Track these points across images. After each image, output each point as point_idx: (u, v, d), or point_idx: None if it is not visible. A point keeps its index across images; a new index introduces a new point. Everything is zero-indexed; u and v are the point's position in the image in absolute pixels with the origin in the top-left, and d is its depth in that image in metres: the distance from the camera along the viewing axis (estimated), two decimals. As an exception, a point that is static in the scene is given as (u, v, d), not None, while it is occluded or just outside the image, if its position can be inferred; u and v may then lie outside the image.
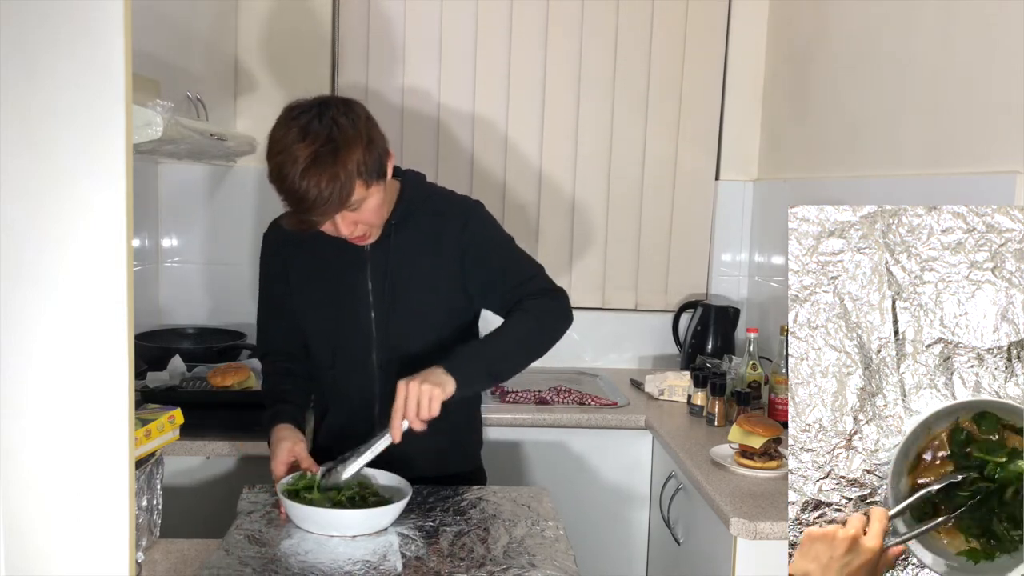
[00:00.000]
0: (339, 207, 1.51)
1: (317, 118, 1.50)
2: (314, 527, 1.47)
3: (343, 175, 1.47)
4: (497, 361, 1.63)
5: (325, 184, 1.46)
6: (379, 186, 1.56)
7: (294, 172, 1.46)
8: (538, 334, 1.68)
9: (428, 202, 1.74)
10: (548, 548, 1.44)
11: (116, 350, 0.80)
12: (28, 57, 0.77)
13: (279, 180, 1.49)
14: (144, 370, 2.36)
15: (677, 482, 2.17)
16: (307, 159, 1.46)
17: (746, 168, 3.00)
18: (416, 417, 1.50)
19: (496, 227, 1.78)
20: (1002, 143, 1.72)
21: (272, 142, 1.52)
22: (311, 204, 1.48)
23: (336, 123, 1.49)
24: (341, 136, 1.48)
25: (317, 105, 1.53)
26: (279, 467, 1.62)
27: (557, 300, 1.72)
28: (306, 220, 1.52)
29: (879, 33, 2.21)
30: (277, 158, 1.49)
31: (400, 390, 1.51)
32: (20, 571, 0.82)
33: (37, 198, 0.78)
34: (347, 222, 1.56)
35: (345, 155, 1.47)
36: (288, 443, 1.64)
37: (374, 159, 1.53)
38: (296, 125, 1.50)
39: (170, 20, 2.17)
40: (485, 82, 2.85)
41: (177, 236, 2.91)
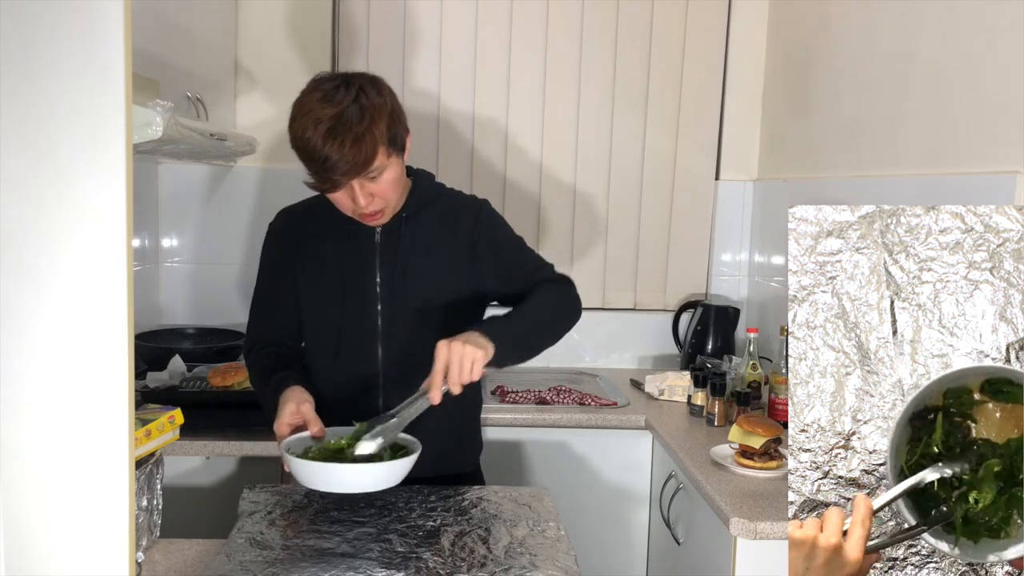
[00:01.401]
0: (362, 168, 1.52)
1: (343, 86, 1.54)
2: (323, 485, 1.43)
3: (368, 137, 1.50)
4: (530, 332, 1.62)
5: (349, 145, 1.49)
6: (398, 160, 1.60)
7: (319, 132, 1.49)
8: (562, 312, 1.70)
9: (439, 199, 1.77)
10: (549, 548, 1.44)
11: (116, 350, 0.80)
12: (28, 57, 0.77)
13: (303, 141, 1.51)
14: (144, 370, 2.36)
15: (677, 482, 2.17)
16: (332, 118, 1.49)
17: (746, 168, 3.00)
18: (458, 380, 1.45)
19: (505, 222, 1.83)
20: (1002, 143, 1.72)
21: (296, 107, 1.55)
22: (334, 164, 1.50)
23: (363, 90, 1.54)
24: (367, 101, 1.52)
25: (343, 76, 1.58)
26: (282, 427, 1.55)
27: (571, 287, 1.75)
28: (329, 180, 1.53)
29: (879, 33, 2.21)
30: (302, 120, 1.52)
31: (441, 352, 1.45)
32: (20, 571, 0.82)
33: (37, 198, 0.79)
34: (365, 192, 1.57)
35: (370, 119, 1.51)
36: (292, 403, 1.56)
37: (396, 129, 1.57)
38: (321, 91, 1.54)
39: (170, 20, 2.18)
40: (485, 82, 2.85)
41: (177, 236, 2.91)
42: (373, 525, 1.51)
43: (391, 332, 1.72)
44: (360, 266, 1.73)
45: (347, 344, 1.74)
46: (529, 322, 1.63)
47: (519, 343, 1.58)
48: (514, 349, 1.56)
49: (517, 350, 1.59)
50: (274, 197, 1.59)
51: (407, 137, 1.63)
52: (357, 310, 1.73)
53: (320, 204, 1.71)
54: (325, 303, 1.75)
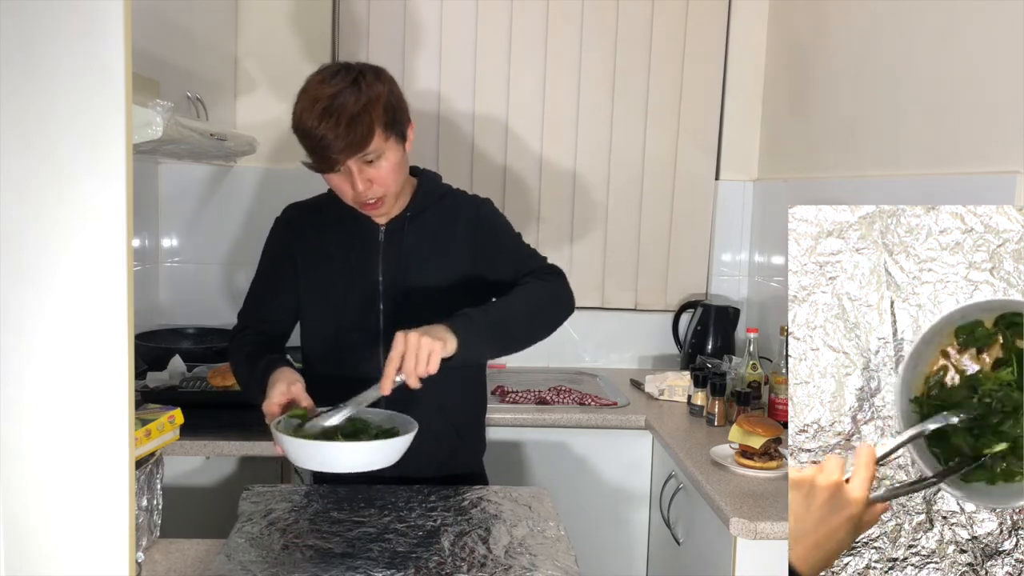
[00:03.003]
0: (357, 148, 1.53)
1: (344, 70, 1.57)
2: (313, 464, 1.40)
3: (364, 117, 1.52)
4: (501, 324, 1.57)
5: (345, 124, 1.51)
6: (398, 146, 1.61)
7: (315, 111, 1.52)
8: (545, 305, 1.67)
9: (443, 199, 1.78)
10: (549, 548, 1.44)
11: (116, 350, 0.80)
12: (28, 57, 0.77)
13: (300, 120, 1.54)
14: (144, 370, 2.36)
15: (677, 482, 2.17)
16: (329, 98, 1.52)
17: (746, 168, 3.00)
18: (413, 371, 1.43)
19: (506, 221, 1.84)
20: (1002, 143, 1.72)
21: (299, 94, 1.58)
22: (330, 143, 1.51)
23: (362, 74, 1.57)
24: (366, 86, 1.55)
25: (344, 63, 1.61)
26: (271, 407, 1.51)
27: (562, 281, 1.74)
28: (326, 159, 1.54)
29: (879, 33, 2.21)
30: (301, 102, 1.56)
31: (398, 342, 1.43)
32: (20, 571, 0.82)
33: (37, 198, 0.79)
34: (363, 177, 1.58)
35: (367, 100, 1.53)
36: (283, 384, 1.53)
37: (395, 115, 1.59)
38: (321, 75, 1.58)
39: (170, 20, 2.18)
40: (485, 82, 2.85)
41: (177, 236, 2.91)
42: (373, 525, 1.51)
43: (392, 331, 1.72)
44: (363, 264, 1.73)
45: (347, 342, 1.74)
46: (502, 314, 1.58)
47: (489, 336, 1.54)
48: (483, 342, 1.53)
49: (487, 343, 1.55)
50: (274, 197, 1.59)
51: (409, 127, 1.64)
52: (359, 308, 1.73)
53: (326, 201, 1.72)
54: (327, 300, 1.75)
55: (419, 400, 1.54)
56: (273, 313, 1.80)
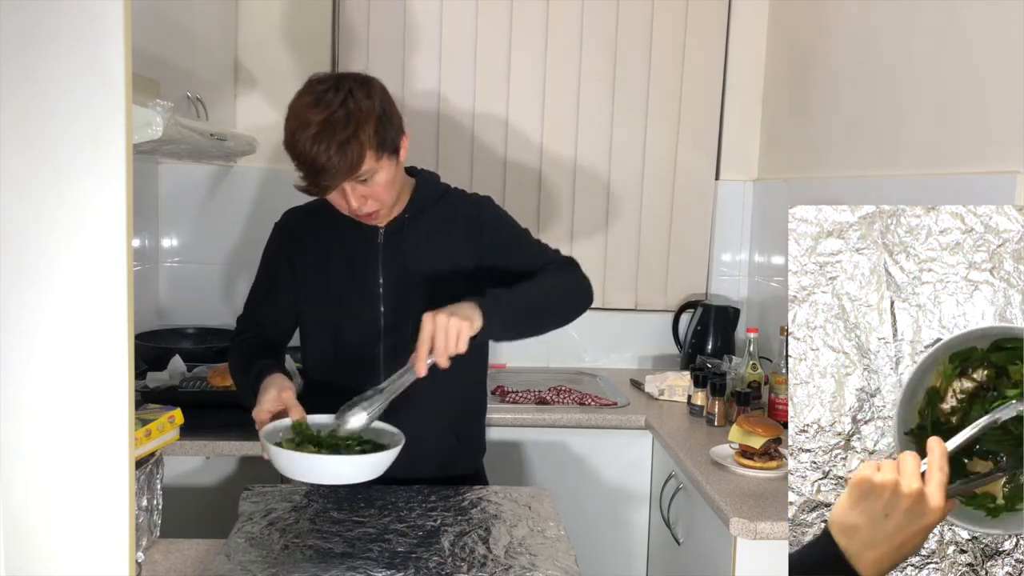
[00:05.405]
0: (349, 173, 1.53)
1: (333, 89, 1.55)
2: (302, 475, 1.39)
3: (354, 142, 1.51)
4: (527, 308, 1.58)
5: (335, 150, 1.50)
6: (391, 162, 1.60)
7: (305, 136, 1.51)
8: (566, 293, 1.69)
9: (442, 199, 1.77)
10: (549, 548, 1.44)
11: (116, 350, 0.80)
12: (28, 57, 0.77)
13: (291, 145, 1.54)
14: (144, 370, 2.36)
15: (677, 482, 2.17)
16: (319, 124, 1.51)
17: (746, 168, 3.00)
18: (444, 351, 1.43)
19: (509, 217, 1.82)
20: (1002, 143, 1.72)
21: (289, 110, 1.57)
22: (321, 168, 1.51)
23: (351, 94, 1.55)
24: (355, 105, 1.53)
25: (335, 78, 1.59)
26: (262, 414, 1.51)
27: (576, 269, 1.74)
28: (317, 185, 1.55)
29: (879, 33, 2.21)
30: (291, 124, 1.55)
31: (427, 323, 1.43)
32: (20, 571, 0.82)
33: (37, 198, 0.78)
34: (357, 195, 1.58)
35: (356, 123, 1.52)
36: (274, 390, 1.53)
37: (386, 132, 1.57)
38: (312, 94, 1.55)
39: (170, 20, 2.18)
40: (485, 82, 2.85)
41: (177, 236, 2.91)
42: (373, 525, 1.51)
43: (393, 334, 1.72)
44: (363, 267, 1.73)
45: (348, 345, 1.74)
46: (526, 297, 1.59)
47: (512, 316, 1.54)
48: (507, 322, 1.53)
49: (511, 324, 1.55)
50: (274, 197, 1.60)
51: (401, 139, 1.62)
52: (359, 311, 1.73)
53: (325, 205, 1.72)
54: (327, 304, 1.75)
55: (418, 404, 1.54)
56: (272, 317, 1.80)
